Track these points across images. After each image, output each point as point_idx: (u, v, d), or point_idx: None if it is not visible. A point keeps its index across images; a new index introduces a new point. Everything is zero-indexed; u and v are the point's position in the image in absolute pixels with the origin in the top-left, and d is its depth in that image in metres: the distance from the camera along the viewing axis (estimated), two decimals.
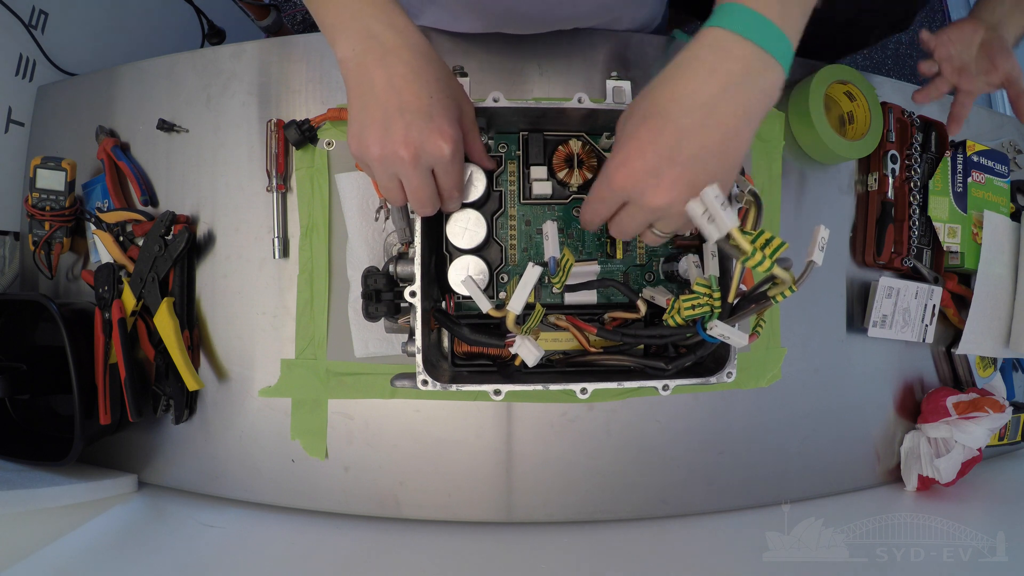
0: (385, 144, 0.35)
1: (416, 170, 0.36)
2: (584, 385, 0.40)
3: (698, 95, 0.33)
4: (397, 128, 0.35)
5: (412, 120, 0.35)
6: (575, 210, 0.47)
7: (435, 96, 0.36)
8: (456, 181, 0.39)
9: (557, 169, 0.45)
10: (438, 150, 0.35)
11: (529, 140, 0.46)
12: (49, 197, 0.58)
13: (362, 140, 0.35)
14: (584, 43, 0.58)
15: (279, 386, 0.56)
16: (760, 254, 0.31)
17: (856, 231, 0.63)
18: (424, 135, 0.35)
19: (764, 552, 0.51)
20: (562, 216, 0.47)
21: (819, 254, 0.33)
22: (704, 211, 0.32)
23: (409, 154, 0.35)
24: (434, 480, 0.56)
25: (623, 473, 0.57)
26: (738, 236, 0.31)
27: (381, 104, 0.35)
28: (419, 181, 0.37)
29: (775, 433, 0.60)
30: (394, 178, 0.37)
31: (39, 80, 0.67)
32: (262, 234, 0.57)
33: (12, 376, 0.55)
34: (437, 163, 0.36)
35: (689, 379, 0.41)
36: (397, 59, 0.35)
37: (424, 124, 0.35)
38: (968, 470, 0.61)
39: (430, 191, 0.38)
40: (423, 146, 0.35)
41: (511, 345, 0.39)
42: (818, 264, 0.33)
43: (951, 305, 0.65)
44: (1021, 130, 0.73)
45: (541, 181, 0.45)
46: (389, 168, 0.36)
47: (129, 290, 0.54)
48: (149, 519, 0.55)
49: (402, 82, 0.35)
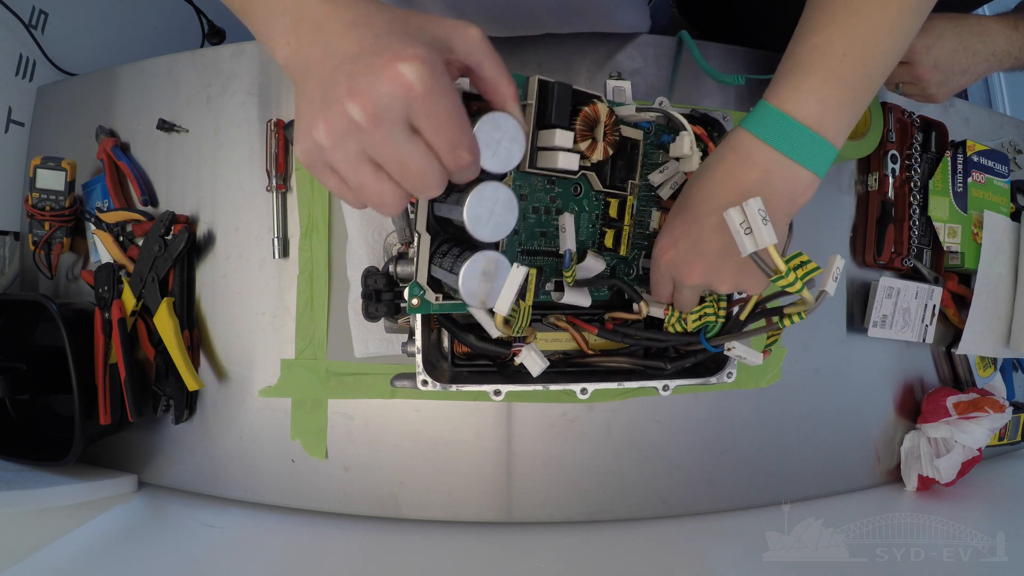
0: (330, 115, 0.25)
1: (383, 128, 0.25)
2: (584, 385, 0.40)
3: (718, 198, 0.35)
4: (338, 86, 0.25)
5: (353, 66, 0.25)
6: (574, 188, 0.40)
7: (383, 32, 0.26)
8: (454, 129, 0.26)
9: (578, 137, 0.35)
10: (399, 81, 0.24)
11: (555, 92, 0.33)
12: (49, 197, 0.57)
13: (307, 134, 0.26)
14: (585, 45, 0.58)
15: (279, 386, 0.56)
16: (793, 275, 0.31)
17: (856, 231, 0.63)
18: (374, 72, 0.24)
19: (764, 552, 0.51)
20: (562, 193, 0.39)
21: (832, 284, 0.33)
22: (743, 221, 0.31)
23: (362, 106, 0.24)
24: (434, 480, 0.56)
25: (623, 473, 0.57)
26: (774, 254, 0.31)
27: (319, 77, 0.26)
28: (396, 147, 0.25)
29: (775, 433, 0.60)
30: (364, 162, 0.26)
31: (39, 80, 0.67)
32: (262, 234, 0.57)
33: (12, 376, 0.55)
34: (410, 106, 0.25)
35: (689, 379, 0.41)
36: (333, 23, 0.26)
37: (370, 61, 0.25)
38: (968, 470, 0.61)
39: (421, 158, 0.26)
40: (376, 87, 0.24)
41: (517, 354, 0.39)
42: (830, 295, 0.33)
43: (951, 305, 0.64)
44: (1021, 130, 0.73)
45: (566, 152, 0.35)
46: (349, 147, 0.26)
47: (129, 290, 0.54)
48: (149, 519, 0.55)
49: (338, 40, 0.26)
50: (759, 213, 0.31)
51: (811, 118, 0.34)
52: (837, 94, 0.34)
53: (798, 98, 0.34)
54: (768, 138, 0.34)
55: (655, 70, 0.59)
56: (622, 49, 0.59)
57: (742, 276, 0.36)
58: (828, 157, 0.35)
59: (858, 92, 0.35)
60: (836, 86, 0.34)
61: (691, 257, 0.37)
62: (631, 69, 0.59)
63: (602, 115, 0.36)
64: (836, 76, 0.34)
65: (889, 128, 0.61)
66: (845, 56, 0.34)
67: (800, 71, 0.35)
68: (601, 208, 0.42)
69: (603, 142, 0.36)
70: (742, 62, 0.61)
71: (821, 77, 0.34)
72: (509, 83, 0.30)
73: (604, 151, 0.36)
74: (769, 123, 0.34)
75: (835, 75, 0.34)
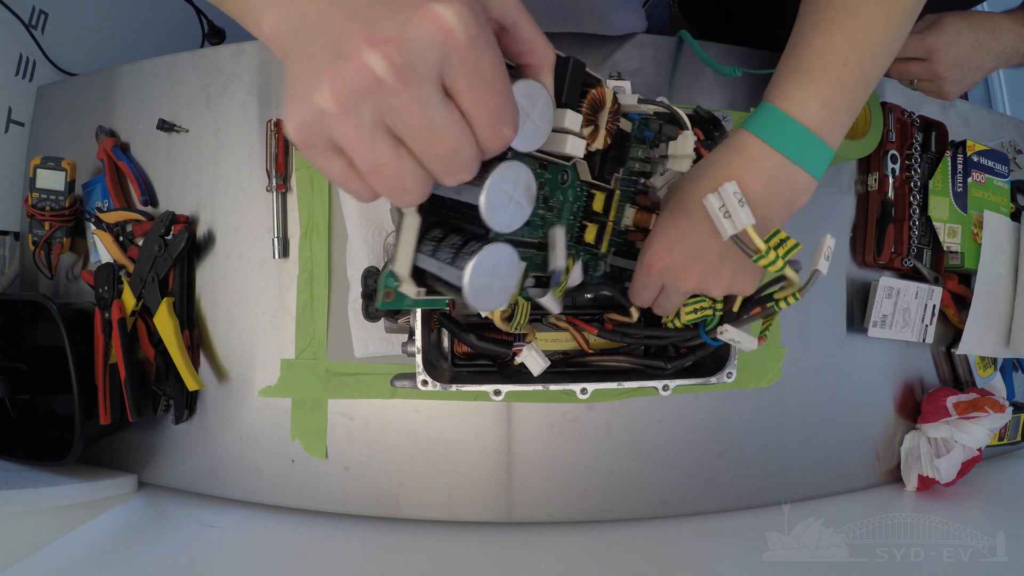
0: (341, 70, 0.19)
1: (412, 87, 0.19)
2: (584, 385, 0.40)
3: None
4: (353, 34, 0.19)
5: (374, 9, 0.19)
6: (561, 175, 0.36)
7: None
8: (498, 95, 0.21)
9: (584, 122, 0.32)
10: (437, 24, 0.19)
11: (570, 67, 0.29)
12: (49, 197, 0.57)
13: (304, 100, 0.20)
14: (584, 44, 0.58)
15: (279, 386, 0.56)
16: (773, 253, 0.32)
17: (856, 231, 0.63)
18: (403, 14, 0.19)
19: (764, 552, 0.51)
20: (551, 180, 0.35)
21: (824, 263, 0.33)
22: (721, 205, 0.32)
23: (387, 56, 0.19)
24: (434, 480, 0.56)
25: (623, 473, 0.57)
26: (752, 234, 0.32)
27: (324, 31, 0.20)
28: (427, 113, 0.20)
29: (775, 433, 0.60)
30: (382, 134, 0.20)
31: (39, 80, 0.67)
32: (262, 234, 0.57)
33: (12, 376, 0.55)
34: (448, 59, 0.19)
35: (689, 379, 0.41)
36: None
37: (397, 5, 0.19)
38: (968, 470, 0.61)
39: (456, 129, 0.20)
40: (406, 31, 0.19)
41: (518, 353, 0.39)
42: (823, 273, 0.33)
43: (951, 305, 0.64)
44: (1021, 130, 0.73)
45: (574, 137, 0.30)
46: (364, 114, 0.20)
47: (129, 290, 0.54)
48: (149, 519, 0.55)
49: None
50: (735, 196, 0.31)
51: (815, 122, 0.34)
52: (839, 98, 0.34)
53: (804, 102, 0.34)
54: (775, 142, 0.34)
55: (654, 70, 0.59)
56: (621, 49, 0.59)
57: (736, 278, 0.36)
58: (827, 160, 0.35)
59: (857, 95, 0.35)
60: (839, 90, 0.34)
61: (689, 263, 0.36)
62: (630, 69, 0.59)
63: (608, 100, 0.32)
64: (838, 79, 0.34)
65: (889, 128, 0.61)
66: (847, 60, 0.34)
67: (803, 73, 0.34)
68: (583, 200, 0.38)
69: (605, 129, 0.33)
70: (742, 61, 0.61)
71: (824, 81, 0.34)
72: (547, 47, 0.25)
73: (604, 139, 0.33)
74: (776, 127, 0.34)
75: (837, 78, 0.34)
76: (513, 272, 0.27)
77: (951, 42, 0.53)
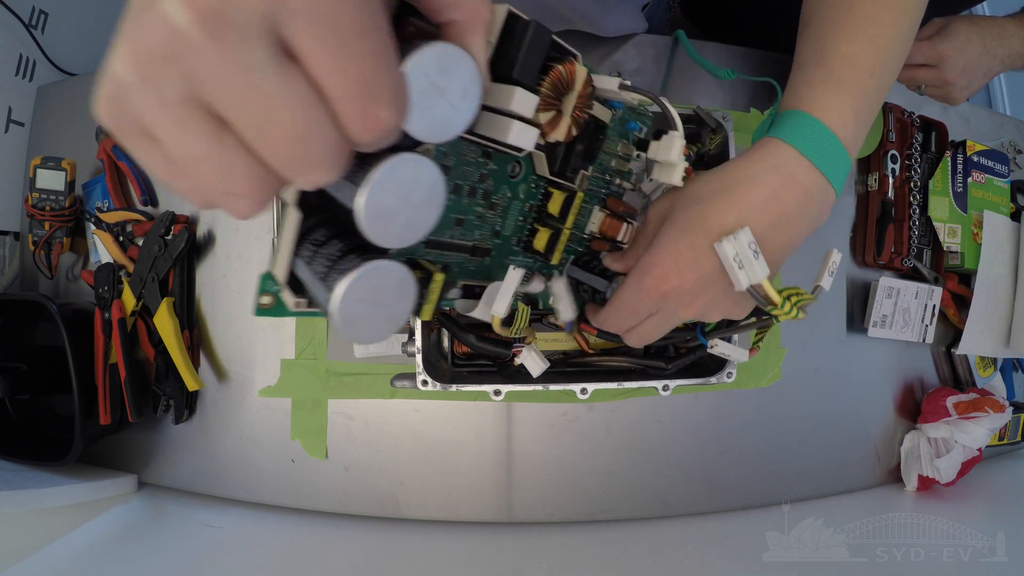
0: (138, 24, 0.14)
1: (229, 43, 0.14)
2: (584, 385, 0.40)
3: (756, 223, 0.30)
4: None
5: None
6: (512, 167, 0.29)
7: None
8: (366, 59, 0.15)
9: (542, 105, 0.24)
10: None
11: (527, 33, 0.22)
12: (49, 197, 0.57)
13: (106, 73, 0.15)
14: (583, 44, 0.58)
15: (279, 386, 0.56)
16: (788, 304, 0.30)
17: (856, 231, 0.63)
18: None
19: (764, 552, 0.51)
20: (496, 172, 0.28)
21: (828, 279, 0.32)
22: (735, 255, 0.29)
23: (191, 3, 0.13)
24: (434, 480, 0.56)
25: (623, 473, 0.57)
26: (768, 287, 0.30)
27: None
28: (253, 80, 0.14)
29: (775, 433, 0.60)
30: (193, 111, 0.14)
31: (39, 80, 0.67)
32: (262, 234, 0.57)
33: (12, 376, 0.55)
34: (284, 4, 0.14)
35: (689, 379, 0.41)
36: None
37: None
38: (968, 470, 0.61)
39: (299, 106, 0.14)
40: None
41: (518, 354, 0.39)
42: (826, 289, 0.32)
43: (951, 305, 0.64)
44: (1021, 130, 0.73)
45: (525, 124, 0.24)
46: (166, 83, 0.14)
47: (129, 290, 0.54)
48: (149, 519, 0.55)
49: None
50: (750, 247, 0.29)
51: (847, 134, 0.32)
52: (867, 110, 0.33)
53: (842, 114, 0.31)
54: (818, 159, 0.31)
55: (654, 70, 0.59)
56: (620, 49, 0.59)
57: (737, 306, 0.33)
58: (846, 175, 0.33)
59: (876, 108, 0.34)
60: (865, 102, 0.32)
61: (699, 288, 0.31)
62: (630, 69, 0.59)
63: (578, 81, 0.25)
64: (864, 91, 0.32)
65: (889, 128, 0.61)
66: (872, 71, 0.32)
67: (834, 82, 0.32)
68: (539, 199, 0.32)
69: (570, 117, 0.26)
70: (743, 61, 0.61)
71: (855, 92, 0.32)
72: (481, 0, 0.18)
73: (568, 131, 0.26)
74: (819, 141, 0.31)
75: (864, 90, 0.32)
76: (404, 296, 0.21)
77: (961, 48, 0.53)
